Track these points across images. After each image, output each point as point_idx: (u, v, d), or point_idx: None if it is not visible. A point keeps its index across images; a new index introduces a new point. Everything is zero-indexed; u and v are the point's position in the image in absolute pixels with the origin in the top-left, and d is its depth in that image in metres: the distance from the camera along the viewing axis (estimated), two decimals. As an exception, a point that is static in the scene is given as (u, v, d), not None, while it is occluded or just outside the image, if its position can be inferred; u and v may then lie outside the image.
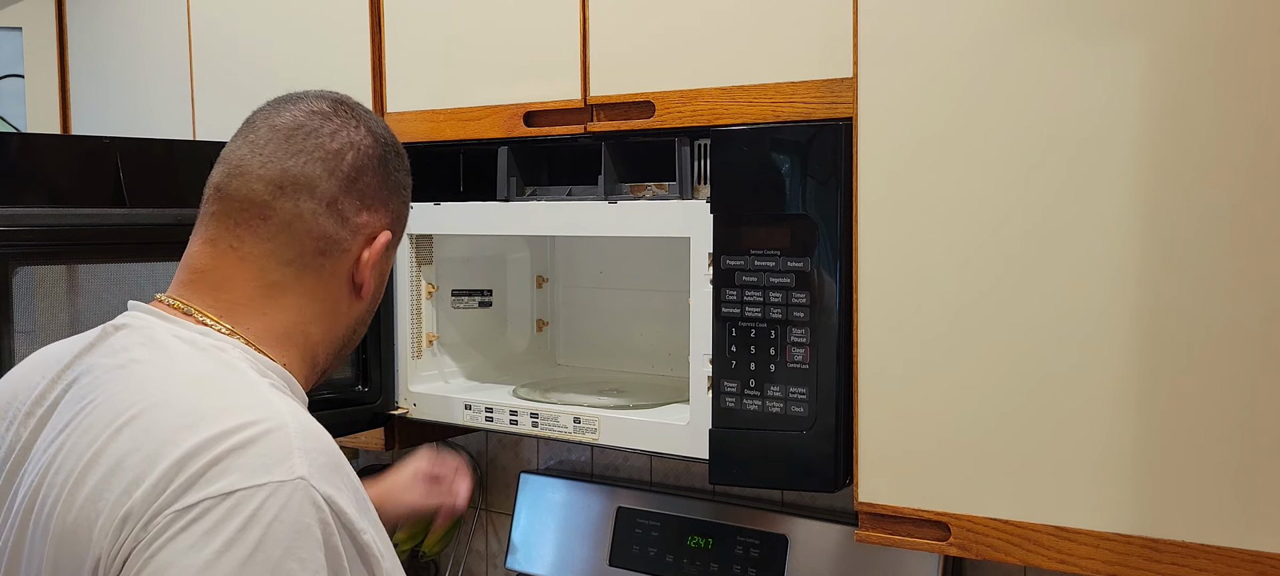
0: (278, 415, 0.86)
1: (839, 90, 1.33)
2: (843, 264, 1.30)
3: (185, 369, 0.91)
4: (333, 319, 1.03)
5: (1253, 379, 1.07)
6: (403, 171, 1.07)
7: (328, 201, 0.99)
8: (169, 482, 0.81)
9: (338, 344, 1.06)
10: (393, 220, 1.05)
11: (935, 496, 1.25)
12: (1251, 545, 1.08)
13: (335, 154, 1.00)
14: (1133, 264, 1.12)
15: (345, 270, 1.02)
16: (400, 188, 1.07)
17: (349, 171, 1.00)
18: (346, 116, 1.03)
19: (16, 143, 1.64)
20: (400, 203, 1.07)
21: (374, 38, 1.76)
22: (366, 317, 1.09)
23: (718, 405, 1.40)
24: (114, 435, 0.86)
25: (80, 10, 2.30)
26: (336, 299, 1.03)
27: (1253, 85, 1.05)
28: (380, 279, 1.07)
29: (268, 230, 0.98)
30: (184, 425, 0.84)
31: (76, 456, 0.86)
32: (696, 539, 1.78)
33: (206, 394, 0.88)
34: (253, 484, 0.81)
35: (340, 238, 1.00)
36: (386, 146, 1.05)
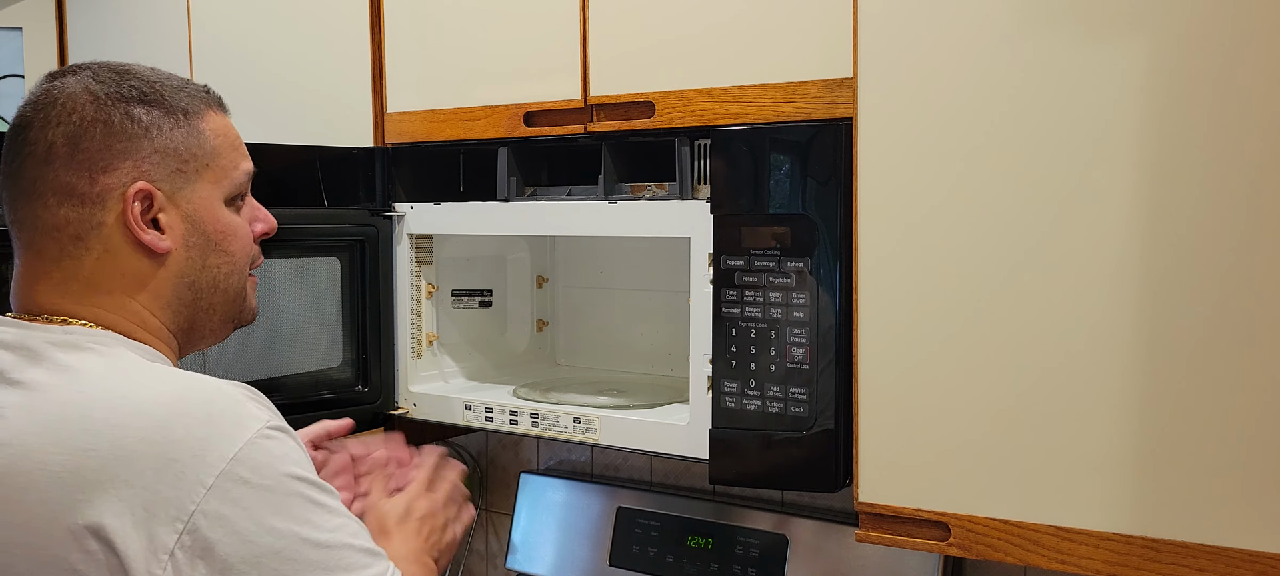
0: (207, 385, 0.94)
1: (839, 90, 1.33)
2: (843, 264, 1.30)
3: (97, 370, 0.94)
4: (156, 288, 1.02)
5: (1253, 379, 1.07)
6: (154, 107, 1.01)
7: (54, 190, 0.98)
8: (174, 476, 0.87)
9: (189, 311, 1.05)
10: (155, 168, 1.00)
11: (935, 496, 1.25)
12: (1251, 545, 1.08)
13: (39, 140, 0.98)
14: (1133, 264, 1.12)
15: (118, 241, 1.00)
16: (148, 128, 1.00)
17: (62, 149, 0.98)
18: (46, 96, 1.00)
19: (16, 143, 1.64)
20: (161, 143, 1.01)
21: (374, 38, 1.76)
22: (206, 266, 1.05)
23: (718, 405, 1.40)
24: (55, 445, 0.89)
25: (80, 10, 2.30)
26: (137, 270, 1.01)
27: (1253, 85, 1.05)
28: (192, 225, 1.03)
29: (25, 250, 1.00)
30: (137, 418, 0.89)
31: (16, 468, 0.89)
32: (696, 539, 1.78)
33: (134, 384, 0.93)
34: (244, 441, 0.90)
35: (86, 216, 0.99)
36: (109, 98, 0.99)
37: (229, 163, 1.06)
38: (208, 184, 1.04)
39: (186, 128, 1.03)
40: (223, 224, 1.06)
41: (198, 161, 1.03)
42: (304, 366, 1.66)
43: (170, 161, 1.01)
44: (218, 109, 1.07)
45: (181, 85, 1.04)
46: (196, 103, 1.04)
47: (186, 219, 1.03)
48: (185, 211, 1.03)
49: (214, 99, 1.08)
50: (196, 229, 1.04)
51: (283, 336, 1.62)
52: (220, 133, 1.06)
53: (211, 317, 1.08)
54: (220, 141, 1.06)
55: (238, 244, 1.08)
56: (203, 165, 1.04)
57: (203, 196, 1.04)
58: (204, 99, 1.06)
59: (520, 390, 1.71)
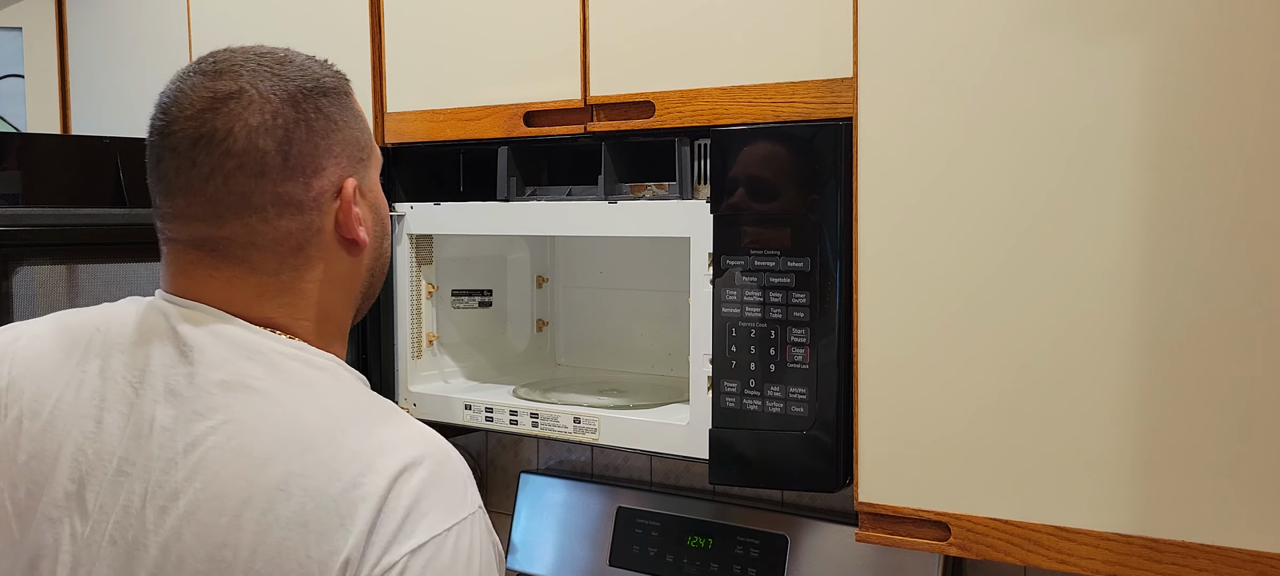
0: (435, 443, 0.89)
1: (839, 90, 1.33)
2: (843, 264, 1.30)
3: (320, 391, 0.90)
4: (349, 285, 0.98)
5: (1253, 378, 1.07)
6: (331, 96, 0.95)
7: (271, 202, 0.91)
8: (380, 524, 0.82)
9: (362, 301, 1.02)
10: (349, 161, 0.95)
11: (935, 496, 1.25)
12: (1251, 545, 1.08)
13: (246, 152, 0.90)
14: (1133, 263, 1.12)
15: (331, 243, 0.95)
16: (336, 121, 0.95)
17: (273, 158, 0.90)
18: (233, 100, 0.90)
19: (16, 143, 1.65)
20: (347, 135, 0.96)
21: (374, 38, 1.76)
22: (380, 252, 1.02)
23: (718, 405, 1.40)
24: (276, 466, 0.84)
25: (80, 10, 2.31)
26: (343, 270, 0.96)
27: (1252, 85, 1.05)
28: (373, 213, 0.99)
29: (237, 264, 0.92)
30: (362, 458, 0.84)
31: (228, 483, 0.84)
32: (696, 539, 1.78)
33: (361, 421, 0.88)
34: (461, 517, 0.86)
35: (306, 223, 0.93)
36: (299, 94, 0.93)
37: (375, 140, 1.02)
38: (373, 167, 1.00)
39: (352, 111, 0.98)
40: (385, 205, 1.03)
41: (367, 146, 0.99)
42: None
43: (355, 151, 0.97)
44: (349, 82, 1.01)
45: (323, 65, 0.98)
46: (344, 82, 0.99)
47: (371, 208, 0.99)
48: (370, 200, 0.99)
49: (346, 76, 1.01)
50: (376, 215, 1.00)
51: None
52: (362, 112, 1.01)
53: (369, 301, 1.04)
54: (366, 121, 1.01)
55: (389, 221, 1.05)
56: (370, 148, 0.99)
57: (374, 180, 1.00)
58: (345, 77, 1.00)
59: (520, 390, 1.71)
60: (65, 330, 0.96)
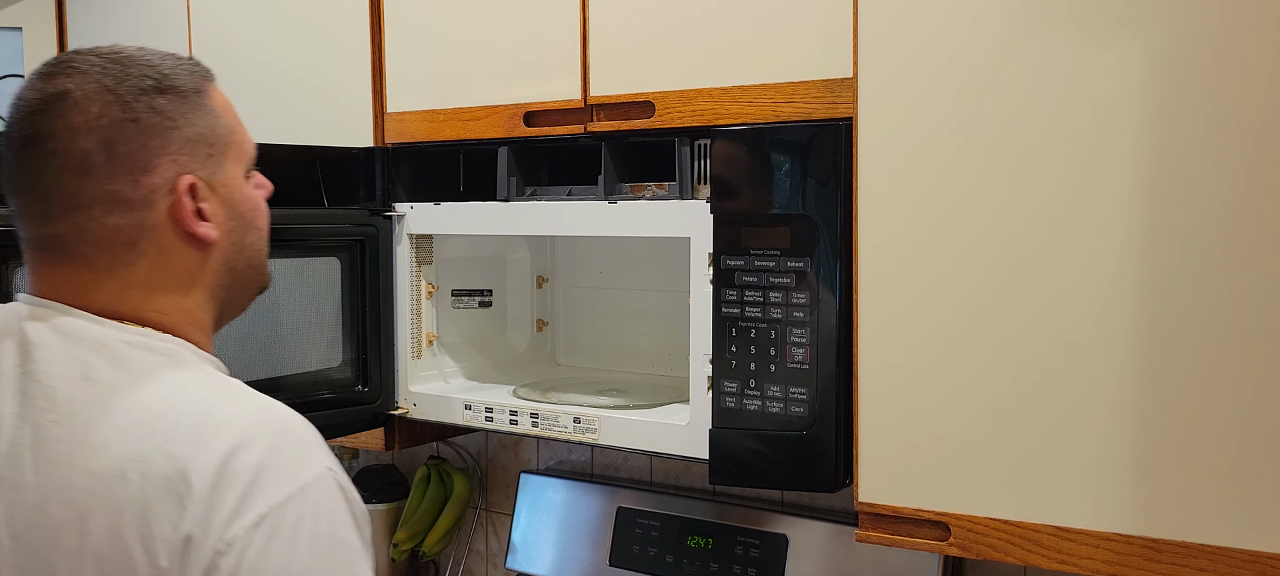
0: (272, 414, 0.92)
1: (839, 90, 1.33)
2: (843, 264, 1.30)
3: (159, 377, 0.92)
4: (199, 279, 1.00)
5: (1252, 378, 1.07)
6: (174, 94, 0.97)
7: (97, 199, 0.93)
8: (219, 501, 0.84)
9: (227, 294, 1.03)
10: (191, 157, 0.97)
11: (935, 496, 1.25)
12: (1251, 545, 1.08)
13: (69, 152, 0.92)
14: (1132, 263, 1.12)
15: (169, 238, 0.96)
16: (175, 119, 0.96)
17: (96, 157, 0.92)
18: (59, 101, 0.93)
19: (16, 143, 1.64)
20: (190, 132, 0.97)
21: (374, 38, 1.76)
22: (242, 246, 1.03)
23: (718, 405, 1.40)
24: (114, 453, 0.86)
25: (80, 10, 2.30)
26: (186, 264, 0.98)
27: (1252, 85, 1.05)
28: (228, 208, 1.01)
29: (74, 260, 0.95)
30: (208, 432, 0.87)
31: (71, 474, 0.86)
32: (696, 539, 1.78)
33: (199, 403, 0.90)
34: (301, 485, 0.87)
35: (136, 220, 0.95)
36: (132, 92, 0.94)
37: (242, 136, 1.04)
38: (232, 163, 1.02)
39: (202, 109, 0.99)
40: (251, 200, 1.05)
41: (221, 142, 1.00)
42: (304, 366, 1.65)
43: (201, 147, 0.98)
44: (213, 81, 1.04)
45: (177, 63, 1.00)
46: (199, 79, 1.01)
47: (225, 203, 1.00)
48: (222, 196, 1.00)
49: (207, 71, 1.04)
50: (233, 211, 1.02)
51: (282, 336, 1.62)
52: (226, 107, 1.03)
53: (243, 296, 1.07)
54: (230, 116, 1.03)
55: (262, 217, 1.07)
56: (225, 144, 1.01)
57: (232, 176, 1.02)
58: (203, 74, 1.02)
59: (520, 390, 1.71)
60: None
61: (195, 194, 0.97)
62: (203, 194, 0.98)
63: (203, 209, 0.98)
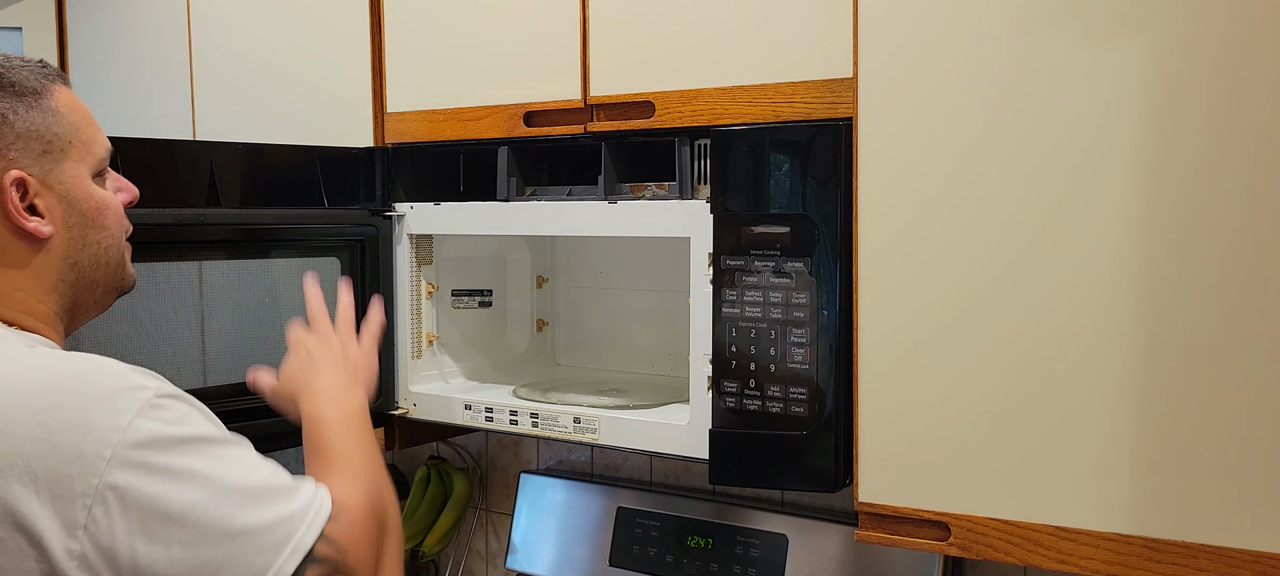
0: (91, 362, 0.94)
1: (839, 90, 1.33)
2: (843, 264, 1.30)
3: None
4: (39, 275, 1.03)
5: (1253, 379, 1.07)
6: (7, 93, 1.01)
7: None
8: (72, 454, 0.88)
9: (73, 290, 1.06)
10: (21, 154, 1.01)
11: (935, 496, 1.25)
12: (1251, 545, 1.08)
13: None
14: (1133, 264, 1.12)
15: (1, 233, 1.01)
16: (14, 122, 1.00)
17: None
18: None
19: (16, 143, 1.64)
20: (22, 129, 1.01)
21: (374, 38, 1.76)
22: (84, 243, 1.06)
23: (718, 405, 1.40)
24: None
25: (80, 10, 2.30)
26: (19, 258, 1.02)
27: (1253, 85, 1.05)
28: (66, 204, 1.04)
29: None
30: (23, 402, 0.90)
31: None
32: (696, 539, 1.78)
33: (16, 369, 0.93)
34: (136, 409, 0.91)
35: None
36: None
37: (89, 137, 1.06)
38: (74, 162, 1.04)
39: (40, 108, 1.02)
40: (97, 200, 1.07)
41: (61, 140, 1.03)
42: (304, 366, 1.65)
43: (35, 145, 1.01)
44: (62, 83, 1.06)
45: (21, 63, 1.03)
46: (42, 80, 1.04)
47: (62, 200, 1.03)
48: (60, 193, 1.03)
49: (55, 73, 1.07)
50: (73, 209, 1.04)
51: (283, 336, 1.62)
52: (73, 108, 1.06)
53: (94, 292, 1.09)
54: (76, 117, 1.06)
55: (112, 217, 1.09)
56: (66, 143, 1.04)
57: (73, 175, 1.04)
58: (48, 75, 1.05)
59: (520, 390, 1.71)
60: None
61: (24, 189, 1.00)
62: (35, 190, 1.01)
63: (37, 204, 1.01)
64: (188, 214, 1.52)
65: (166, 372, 1.36)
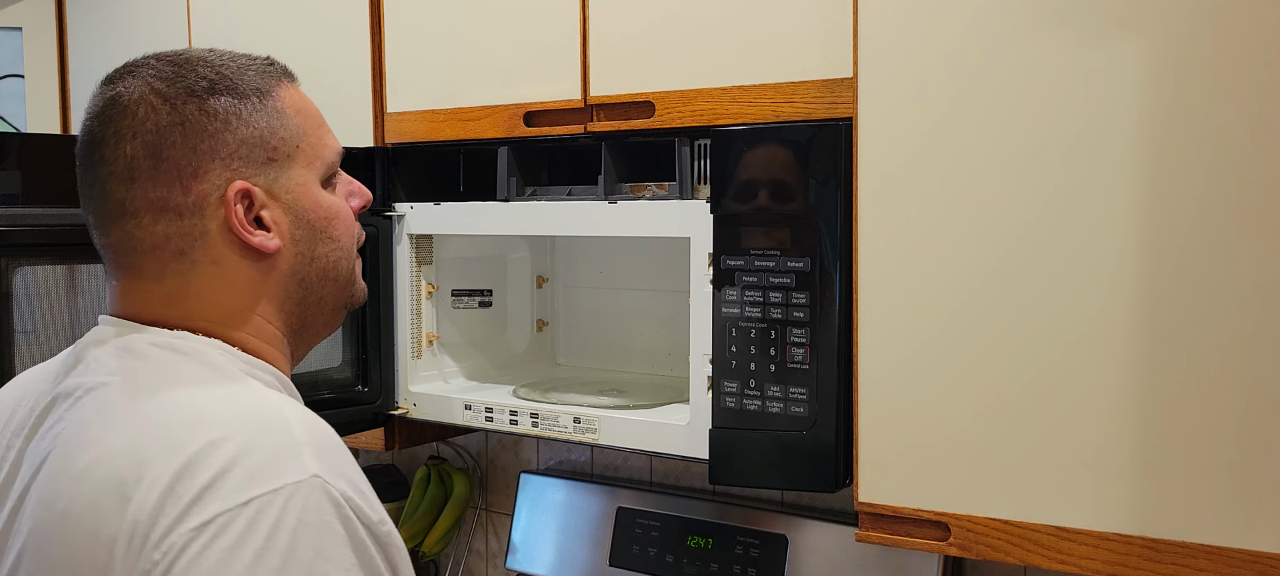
0: (277, 412, 0.83)
1: (839, 90, 1.33)
2: (843, 264, 1.30)
3: (160, 375, 0.87)
4: (262, 290, 0.93)
5: (1253, 379, 1.07)
6: (230, 95, 0.91)
7: (144, 207, 0.89)
8: (179, 493, 0.77)
9: (300, 308, 0.97)
10: (243, 162, 0.91)
11: (935, 496, 1.25)
12: (1251, 545, 1.08)
13: (116, 158, 0.89)
14: (1132, 264, 1.12)
15: (223, 246, 0.91)
16: (228, 122, 0.91)
17: (142, 162, 0.88)
18: (111, 105, 0.90)
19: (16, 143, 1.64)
20: (245, 135, 0.91)
21: (374, 38, 1.76)
22: (312, 256, 0.96)
23: (718, 405, 1.40)
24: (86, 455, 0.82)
25: (80, 10, 2.31)
26: (246, 274, 0.92)
27: (1252, 85, 1.05)
28: (292, 215, 0.94)
29: (125, 271, 0.92)
30: (181, 429, 0.80)
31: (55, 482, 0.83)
32: (696, 539, 1.78)
33: (188, 402, 0.84)
34: (269, 489, 0.77)
35: (185, 228, 0.90)
36: (182, 95, 0.90)
37: (317, 140, 0.97)
38: (301, 168, 0.95)
39: (265, 110, 0.93)
40: (325, 208, 0.97)
41: (287, 145, 0.94)
42: (304, 366, 1.64)
43: (259, 151, 0.92)
44: (289, 80, 0.97)
45: (247, 63, 0.94)
46: (267, 79, 0.94)
47: (289, 211, 0.93)
48: (286, 203, 0.93)
49: (281, 70, 0.97)
50: (301, 220, 0.94)
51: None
52: (300, 109, 0.96)
53: (324, 310, 1.00)
54: (303, 118, 0.96)
55: (342, 227, 0.99)
56: (293, 148, 0.94)
57: (300, 183, 0.95)
58: (273, 73, 0.96)
59: (520, 390, 1.71)
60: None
61: (249, 201, 0.91)
62: (261, 201, 0.92)
63: (263, 216, 0.92)
64: (188, 214, 1.52)
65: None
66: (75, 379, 0.90)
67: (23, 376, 0.99)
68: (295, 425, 0.83)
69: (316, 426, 0.85)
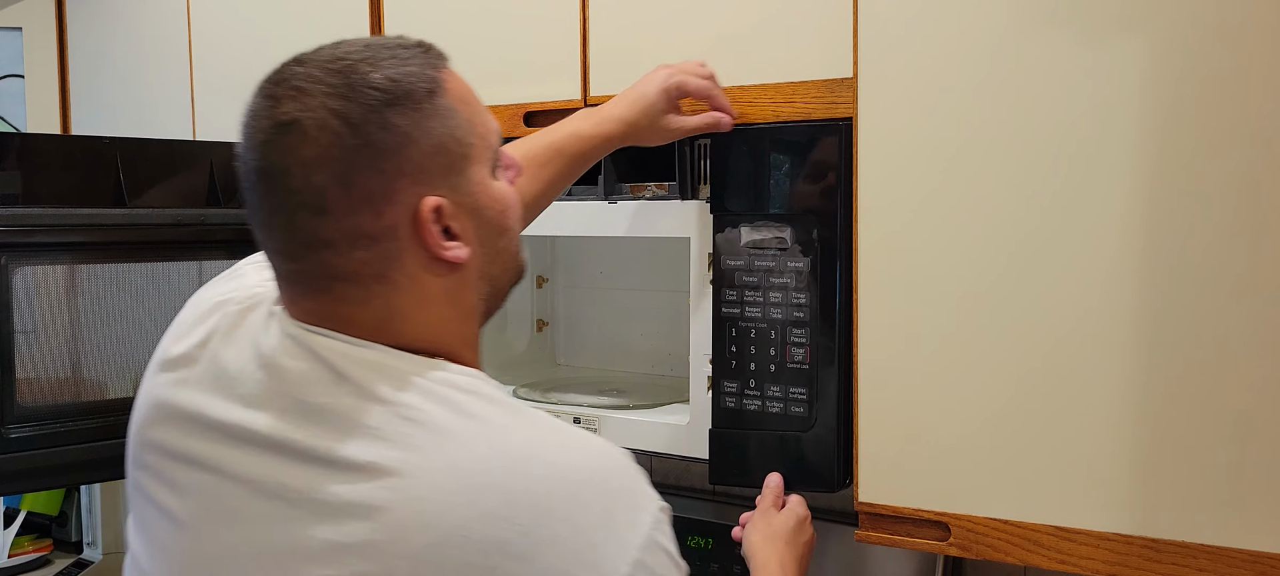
0: (606, 460, 0.86)
1: (839, 90, 1.33)
2: (843, 264, 1.30)
3: (479, 417, 0.85)
4: (456, 300, 0.92)
5: (1252, 379, 1.07)
6: (404, 104, 0.86)
7: (340, 236, 0.85)
8: (593, 560, 0.80)
9: (487, 304, 0.96)
10: (429, 174, 0.87)
11: (935, 496, 1.25)
12: (1251, 545, 1.08)
13: (305, 189, 0.84)
14: (1133, 264, 1.12)
15: (418, 264, 0.88)
16: (411, 135, 0.86)
17: (333, 192, 0.84)
18: (288, 132, 0.85)
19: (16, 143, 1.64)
20: (427, 145, 0.87)
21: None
22: (495, 253, 0.94)
23: (718, 405, 1.40)
24: (459, 509, 0.80)
25: (80, 10, 2.30)
26: (443, 287, 0.90)
27: (1252, 85, 1.05)
28: (475, 217, 0.91)
29: (324, 295, 0.88)
30: (557, 490, 0.81)
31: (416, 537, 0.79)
32: (696, 539, 1.78)
33: (527, 445, 0.84)
34: (649, 524, 0.84)
35: (382, 252, 0.87)
36: (362, 114, 0.85)
37: (484, 127, 0.93)
38: (476, 165, 0.91)
39: (439, 112, 0.88)
40: (500, 200, 0.94)
41: (462, 145, 0.89)
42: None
43: (441, 160, 0.88)
44: (446, 65, 0.92)
45: (407, 56, 0.89)
46: (430, 73, 0.89)
47: (472, 214, 0.90)
48: (469, 207, 0.90)
49: (437, 55, 0.92)
50: (481, 219, 0.91)
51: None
52: (463, 97, 0.92)
53: (499, 298, 0.98)
54: (469, 109, 0.91)
55: (514, 214, 0.96)
56: (468, 147, 0.90)
57: (478, 181, 0.91)
58: (433, 63, 0.90)
59: (520, 390, 1.71)
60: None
61: (440, 216, 0.88)
62: (449, 212, 0.88)
63: (450, 226, 0.89)
64: (188, 214, 1.52)
65: (166, 373, 1.35)
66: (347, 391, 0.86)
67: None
68: (620, 456, 0.88)
69: (623, 461, 0.88)
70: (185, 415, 0.91)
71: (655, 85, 1.35)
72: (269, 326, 0.91)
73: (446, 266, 0.89)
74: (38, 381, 1.42)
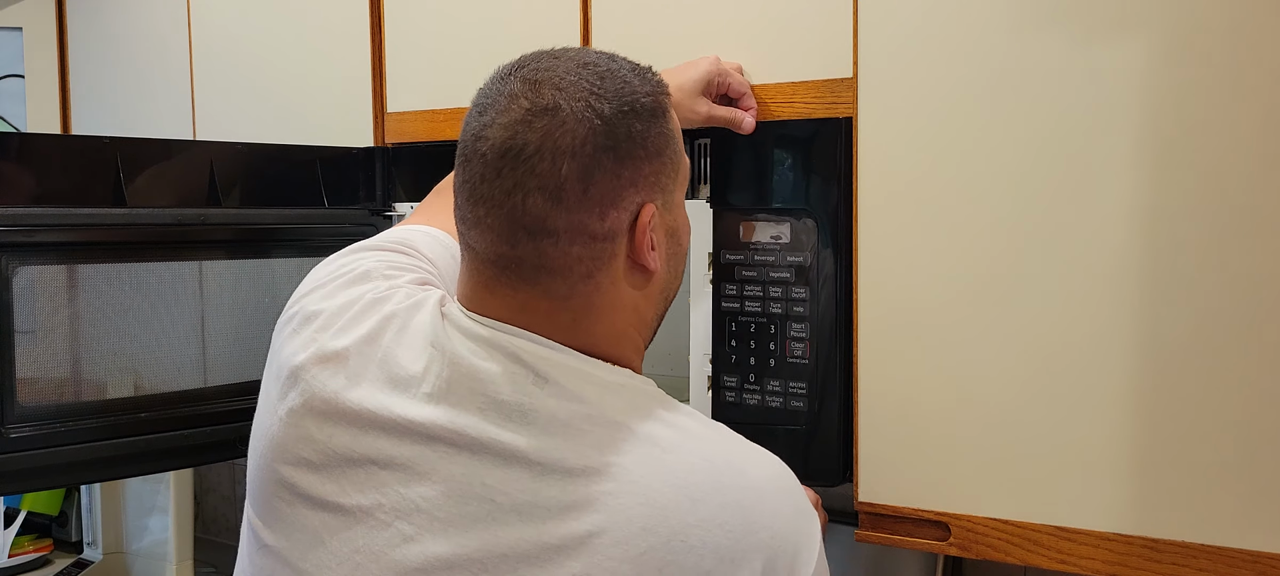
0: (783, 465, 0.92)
1: (839, 90, 1.33)
2: (842, 259, 1.30)
3: (675, 426, 0.89)
4: (640, 311, 0.94)
5: (1253, 378, 1.07)
6: (645, 116, 0.89)
7: (564, 228, 0.87)
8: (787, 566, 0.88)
9: (657, 321, 0.98)
10: (651, 186, 0.90)
11: (935, 496, 1.25)
12: (1251, 545, 1.08)
13: (548, 174, 0.86)
14: (1133, 263, 1.12)
15: (622, 270, 0.91)
16: (647, 146, 0.89)
17: (572, 186, 0.86)
18: (547, 116, 0.87)
19: (16, 143, 1.64)
20: (655, 157, 0.90)
21: (374, 38, 1.76)
22: (674, 275, 0.97)
23: (718, 401, 1.40)
24: (676, 514, 0.83)
25: (80, 10, 2.30)
26: (634, 297, 0.93)
27: (1253, 85, 1.05)
28: (669, 237, 0.94)
29: (530, 286, 0.89)
30: (763, 498, 0.88)
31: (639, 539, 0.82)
32: (696, 538, 1.78)
33: (721, 455, 0.89)
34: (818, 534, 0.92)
35: (597, 251, 0.89)
36: (614, 117, 0.87)
37: (685, 154, 0.96)
38: (680, 185, 0.95)
39: (664, 132, 0.92)
40: (687, 224, 0.98)
41: (673, 165, 0.93)
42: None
43: (661, 176, 0.91)
44: (668, 93, 0.95)
45: (642, 76, 0.92)
46: (660, 96, 0.92)
47: (668, 232, 0.94)
48: (668, 224, 0.94)
49: (660, 84, 0.94)
50: (672, 237, 0.95)
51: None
52: (677, 125, 0.95)
53: (659, 323, 1.00)
54: (679, 136, 0.95)
55: (689, 237, 1.00)
56: (676, 167, 0.94)
57: (678, 202, 0.95)
58: (661, 89, 0.93)
59: (520, 390, 1.71)
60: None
61: (657, 220, 0.91)
62: (655, 224, 0.91)
63: (653, 238, 0.92)
64: (188, 214, 1.52)
65: (166, 373, 1.37)
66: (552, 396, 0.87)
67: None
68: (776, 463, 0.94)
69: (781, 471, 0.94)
70: (357, 414, 0.90)
71: (702, 67, 1.35)
72: (446, 327, 0.91)
73: (643, 277, 0.92)
74: (38, 381, 1.42)
